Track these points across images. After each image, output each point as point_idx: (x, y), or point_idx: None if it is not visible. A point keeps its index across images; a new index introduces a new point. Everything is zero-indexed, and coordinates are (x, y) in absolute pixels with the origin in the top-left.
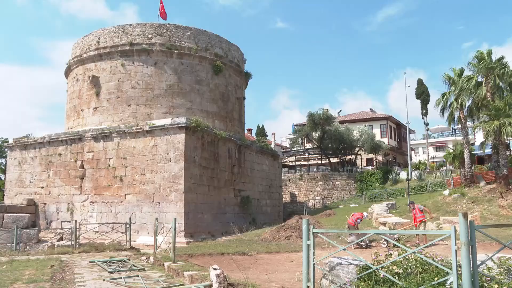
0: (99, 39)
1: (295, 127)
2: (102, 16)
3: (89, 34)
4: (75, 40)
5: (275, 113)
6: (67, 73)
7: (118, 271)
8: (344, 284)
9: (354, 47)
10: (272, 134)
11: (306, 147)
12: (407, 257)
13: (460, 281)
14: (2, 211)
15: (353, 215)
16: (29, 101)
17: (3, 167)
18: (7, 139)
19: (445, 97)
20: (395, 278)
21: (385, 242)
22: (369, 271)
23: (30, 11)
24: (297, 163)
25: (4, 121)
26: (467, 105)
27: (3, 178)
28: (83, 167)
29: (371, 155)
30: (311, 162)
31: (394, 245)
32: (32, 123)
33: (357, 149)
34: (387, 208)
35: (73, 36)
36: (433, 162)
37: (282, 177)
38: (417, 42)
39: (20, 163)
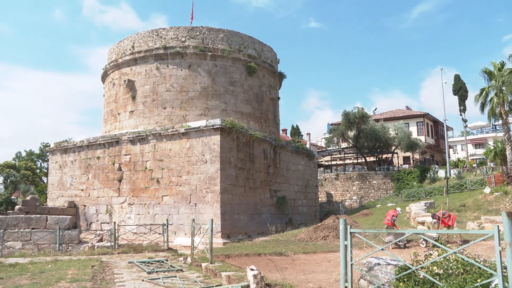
0: (133, 43)
1: (330, 126)
2: (134, 27)
3: (124, 39)
4: (111, 46)
5: (307, 114)
6: (103, 78)
7: (156, 272)
8: (383, 284)
9: (386, 45)
10: (307, 134)
11: (341, 146)
12: (448, 258)
13: (506, 283)
14: (46, 213)
15: (388, 214)
16: (68, 106)
17: (45, 170)
18: (48, 143)
19: (484, 92)
20: (435, 279)
21: (423, 242)
22: (408, 271)
23: (67, 24)
24: (333, 162)
25: (45, 126)
26: (508, 99)
27: (45, 181)
28: (121, 170)
29: (408, 154)
30: (347, 161)
31: (434, 245)
32: (71, 127)
33: (393, 147)
34: (425, 207)
35: (109, 43)
36: (472, 159)
37: (318, 177)
38: (452, 38)
39: (61, 166)
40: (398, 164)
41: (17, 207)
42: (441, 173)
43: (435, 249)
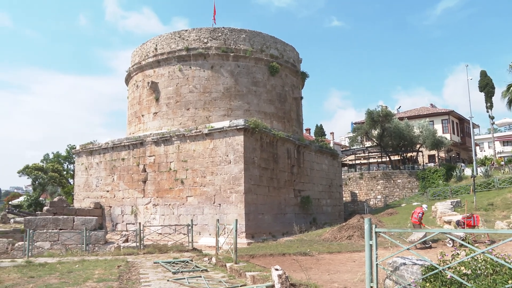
0: (156, 46)
1: (354, 125)
2: (156, 31)
3: (147, 42)
4: (134, 48)
5: (330, 113)
6: (127, 80)
7: (181, 272)
8: (409, 284)
9: (409, 43)
10: (331, 133)
11: (365, 145)
12: (476, 258)
13: None
14: (72, 214)
15: (413, 212)
16: (93, 109)
17: (72, 172)
18: (74, 146)
19: (511, 88)
20: (463, 279)
21: (450, 242)
22: (435, 271)
23: (91, 30)
24: (357, 161)
25: (71, 129)
26: None
27: (72, 183)
28: (145, 171)
29: (433, 152)
30: (371, 160)
31: (461, 245)
32: (96, 129)
33: (418, 145)
34: (452, 206)
35: (132, 46)
36: (500, 157)
37: (342, 176)
38: (477, 34)
39: (87, 168)
40: (423, 162)
41: (45, 208)
42: (468, 171)
43: (462, 249)
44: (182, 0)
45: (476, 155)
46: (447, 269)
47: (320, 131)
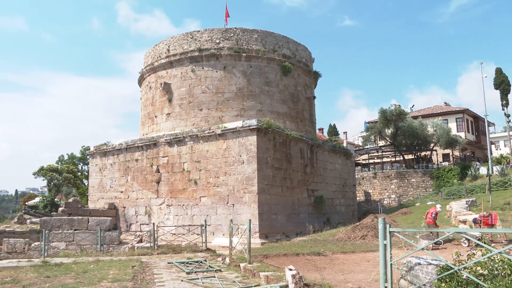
0: (169, 47)
1: (367, 124)
2: (168, 33)
3: (159, 43)
4: (147, 50)
5: (343, 113)
6: (140, 81)
7: (195, 272)
8: (424, 285)
9: (422, 41)
10: (344, 132)
11: (379, 145)
12: (493, 258)
13: None
14: (87, 215)
15: (428, 212)
16: (107, 110)
17: (86, 173)
18: (88, 147)
19: None
20: (479, 280)
21: (466, 241)
22: (451, 271)
23: (104, 32)
24: (370, 161)
25: (85, 130)
26: None
27: (86, 184)
28: (159, 172)
29: (447, 151)
30: (385, 159)
31: (477, 245)
32: (110, 131)
33: (432, 144)
34: (467, 205)
35: (144, 48)
36: None
37: (356, 176)
38: (491, 31)
39: (101, 169)
40: (437, 161)
41: (60, 209)
42: (483, 170)
43: (478, 249)
44: (193, 2)
45: (491, 153)
46: (463, 269)
47: (333, 130)
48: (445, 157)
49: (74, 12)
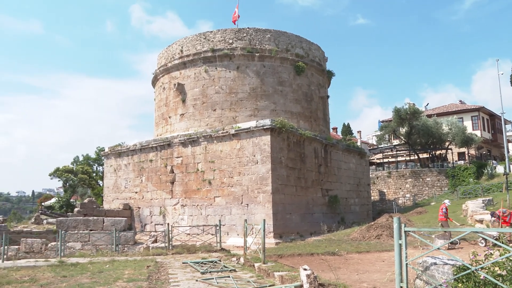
0: (182, 47)
1: (381, 123)
2: (181, 34)
3: (172, 44)
4: (160, 51)
5: (356, 112)
6: (154, 82)
7: (210, 272)
8: (440, 285)
9: (436, 39)
10: (358, 131)
11: (393, 144)
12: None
13: None
14: (102, 215)
15: (439, 210)
16: (121, 111)
17: (101, 174)
18: (103, 148)
19: None
20: (498, 280)
21: (482, 241)
22: (467, 271)
23: (117, 35)
24: (385, 160)
25: (99, 131)
26: None
27: (101, 185)
28: (173, 172)
29: (463, 149)
30: (399, 158)
31: (494, 244)
32: (124, 132)
33: (447, 143)
34: (483, 204)
35: (157, 49)
36: None
37: (370, 175)
38: (507, 28)
39: (116, 170)
40: (453, 160)
41: (75, 209)
42: (500, 168)
43: (496, 249)
44: (206, 3)
45: (508, 151)
46: (480, 269)
47: (347, 129)
48: (461, 155)
49: (88, 16)
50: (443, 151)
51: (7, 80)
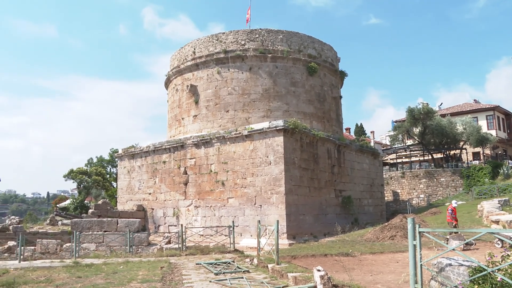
0: (194, 49)
1: (394, 123)
2: (193, 37)
3: (185, 46)
4: (173, 53)
5: (369, 112)
6: (166, 84)
7: (223, 273)
8: (455, 286)
9: (449, 38)
10: (371, 132)
11: (406, 144)
12: None
13: None
14: (116, 216)
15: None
16: (134, 113)
17: (114, 175)
18: (117, 149)
19: None
20: None
21: (499, 242)
22: (484, 273)
23: (130, 38)
24: (398, 160)
25: (113, 133)
26: None
27: (115, 186)
28: (186, 173)
29: (478, 149)
30: (413, 158)
31: (511, 246)
32: (138, 133)
33: (461, 143)
34: (499, 205)
35: (170, 51)
36: None
37: (384, 176)
38: None
39: (129, 171)
40: (467, 160)
41: (90, 211)
42: None
43: None
44: (218, 6)
45: None
46: (496, 271)
47: (360, 130)
48: (476, 155)
49: (101, 19)
50: (458, 151)
51: (23, 83)
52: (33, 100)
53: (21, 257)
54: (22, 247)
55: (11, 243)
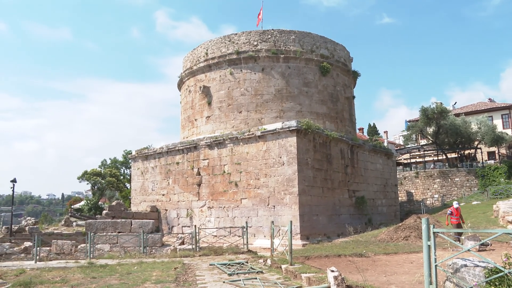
0: (207, 50)
1: (408, 123)
2: (205, 38)
3: (197, 47)
4: (185, 54)
5: (382, 112)
6: (179, 85)
7: (237, 274)
8: (471, 287)
9: (463, 37)
10: (384, 132)
11: (420, 143)
12: None
13: None
14: (130, 217)
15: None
16: (148, 115)
17: (128, 177)
18: (130, 151)
19: None
20: None
21: None
22: (500, 274)
23: (143, 40)
24: (412, 160)
25: (126, 135)
26: None
27: (129, 187)
28: (200, 174)
29: (493, 148)
30: (427, 158)
31: None
32: (150, 135)
33: (476, 142)
34: None
35: (183, 53)
36: None
37: (397, 176)
38: None
39: (143, 172)
40: (482, 159)
41: (104, 212)
42: None
43: None
44: (230, 8)
45: None
46: None
47: (373, 130)
48: (491, 155)
49: (115, 23)
50: (472, 151)
51: (39, 86)
52: (49, 102)
53: (37, 257)
54: (38, 248)
55: (27, 243)
